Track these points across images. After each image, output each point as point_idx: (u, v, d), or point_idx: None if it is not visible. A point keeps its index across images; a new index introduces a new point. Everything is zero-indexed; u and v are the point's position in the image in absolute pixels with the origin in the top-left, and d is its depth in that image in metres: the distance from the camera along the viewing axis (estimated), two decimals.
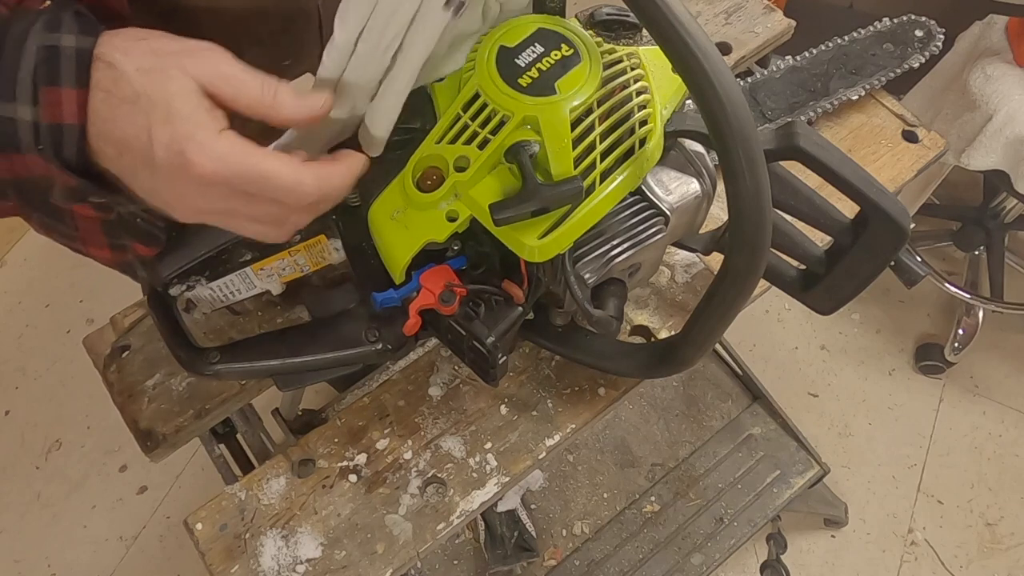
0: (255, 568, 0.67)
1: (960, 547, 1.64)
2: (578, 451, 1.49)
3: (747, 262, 0.52)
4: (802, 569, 1.61)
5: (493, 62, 0.55)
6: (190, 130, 0.44)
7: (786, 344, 1.88)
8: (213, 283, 0.66)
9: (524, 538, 1.39)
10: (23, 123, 0.45)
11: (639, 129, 0.57)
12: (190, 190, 0.46)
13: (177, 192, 0.47)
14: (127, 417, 0.73)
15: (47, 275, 1.96)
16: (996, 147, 1.42)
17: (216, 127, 0.45)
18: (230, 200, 0.47)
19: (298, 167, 0.47)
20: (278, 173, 0.46)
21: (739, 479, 1.45)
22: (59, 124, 0.46)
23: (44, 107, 0.45)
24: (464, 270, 0.62)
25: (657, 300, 0.78)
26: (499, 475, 0.71)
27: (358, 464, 0.72)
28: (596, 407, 0.74)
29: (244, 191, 0.47)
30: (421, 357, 0.78)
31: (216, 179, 0.45)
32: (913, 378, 1.84)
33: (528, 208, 0.53)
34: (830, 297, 0.66)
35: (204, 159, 0.44)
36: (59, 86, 0.45)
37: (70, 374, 1.86)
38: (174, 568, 1.65)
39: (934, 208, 1.93)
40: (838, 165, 0.57)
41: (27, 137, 0.46)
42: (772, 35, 0.93)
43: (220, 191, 0.46)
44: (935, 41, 0.87)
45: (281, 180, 0.46)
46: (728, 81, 0.45)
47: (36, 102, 0.45)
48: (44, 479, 1.75)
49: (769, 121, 0.84)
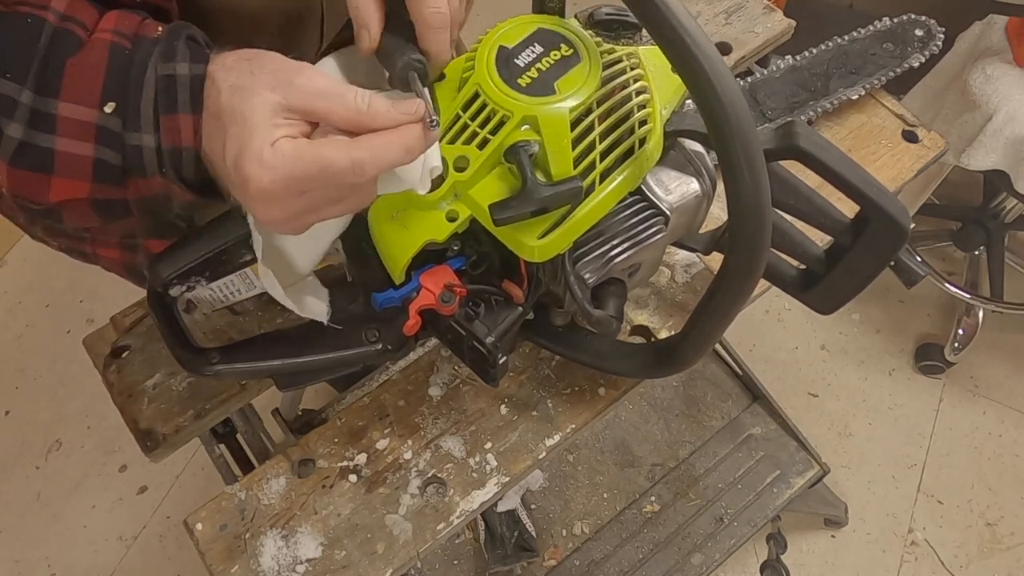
0: (255, 568, 0.67)
1: (960, 547, 1.64)
2: (578, 451, 1.49)
3: (747, 262, 0.52)
4: (802, 569, 1.61)
5: (493, 62, 0.55)
6: (246, 141, 0.46)
7: (786, 344, 1.88)
8: (213, 283, 0.66)
9: (524, 538, 1.39)
10: (148, 149, 0.49)
11: (639, 129, 0.57)
12: (260, 204, 0.48)
13: (251, 207, 0.49)
14: (127, 417, 0.73)
15: (47, 275, 1.96)
16: (996, 147, 1.42)
17: (271, 137, 0.46)
18: (300, 199, 0.48)
19: (352, 149, 0.47)
20: (333, 160, 0.46)
21: (739, 479, 1.45)
22: (179, 148, 0.50)
23: (164, 133, 0.49)
24: (464, 270, 0.62)
25: (657, 300, 0.78)
26: (499, 475, 0.71)
27: (358, 464, 0.72)
28: (596, 407, 0.74)
29: (307, 189, 0.48)
30: (421, 357, 0.78)
31: (275, 189, 0.46)
32: (913, 378, 1.84)
33: (528, 208, 0.53)
34: (830, 297, 0.66)
35: (258, 171, 0.46)
36: (176, 113, 0.49)
37: (70, 374, 1.85)
38: (174, 568, 1.65)
39: (934, 208, 1.93)
40: (838, 165, 0.57)
41: (152, 161, 0.50)
42: (772, 35, 0.93)
43: (284, 198, 0.47)
44: (935, 41, 0.87)
45: (338, 166, 0.47)
46: (728, 81, 0.45)
47: (158, 129, 0.49)
48: (44, 479, 1.75)
49: (769, 121, 0.83)
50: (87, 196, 0.51)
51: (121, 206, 0.53)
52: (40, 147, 0.49)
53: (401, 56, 0.53)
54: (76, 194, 0.51)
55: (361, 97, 0.48)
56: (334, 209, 0.51)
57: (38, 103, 0.48)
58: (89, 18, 0.50)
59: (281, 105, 0.47)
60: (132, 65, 0.49)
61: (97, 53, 0.49)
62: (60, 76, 0.48)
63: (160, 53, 0.49)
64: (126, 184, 0.51)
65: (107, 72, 0.49)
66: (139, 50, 0.49)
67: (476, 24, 0.61)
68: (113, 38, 0.49)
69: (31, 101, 0.48)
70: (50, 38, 0.48)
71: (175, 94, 0.49)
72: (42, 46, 0.48)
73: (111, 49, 0.49)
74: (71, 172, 0.50)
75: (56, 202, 0.51)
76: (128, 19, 0.51)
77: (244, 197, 0.48)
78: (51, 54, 0.48)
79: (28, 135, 0.48)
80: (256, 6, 0.73)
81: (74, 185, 0.50)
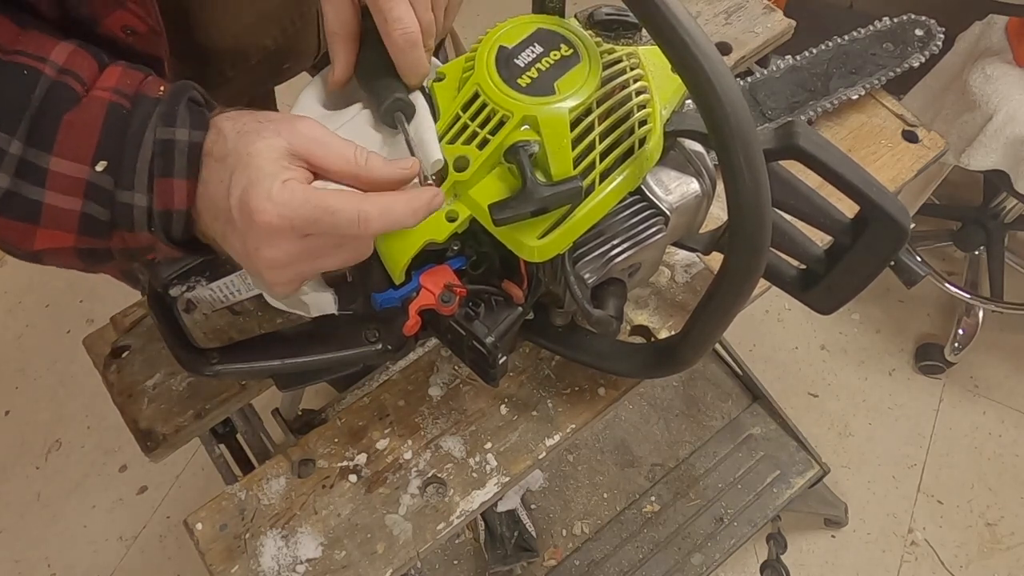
0: (255, 568, 0.67)
1: (960, 547, 1.64)
2: (578, 451, 1.49)
3: (747, 262, 0.52)
4: (802, 569, 1.61)
5: (492, 62, 0.55)
6: (255, 178, 0.47)
7: (786, 344, 1.88)
8: (213, 284, 0.66)
9: (524, 538, 1.39)
10: (139, 208, 0.50)
11: (639, 129, 0.57)
12: (262, 241, 0.48)
13: (252, 245, 0.48)
14: (127, 417, 0.73)
15: (47, 275, 1.96)
16: (996, 147, 1.42)
17: (281, 177, 0.47)
18: (302, 242, 0.49)
19: (360, 201, 0.48)
20: (340, 209, 0.47)
21: (739, 479, 1.45)
22: (170, 210, 0.50)
23: (157, 195, 0.50)
24: (464, 270, 0.62)
25: (657, 300, 0.78)
26: (499, 475, 0.71)
27: (358, 464, 0.72)
28: (596, 407, 0.74)
29: (311, 232, 0.48)
30: (421, 357, 0.78)
31: (282, 225, 0.47)
32: (913, 378, 1.84)
33: (527, 208, 0.53)
34: (830, 297, 0.66)
35: (267, 205, 0.46)
36: (171, 177, 0.50)
37: (70, 374, 1.85)
38: (174, 568, 1.65)
39: (934, 208, 1.93)
40: (838, 165, 0.57)
41: (141, 219, 0.50)
42: (772, 35, 0.93)
43: (288, 238, 0.48)
44: (935, 41, 0.87)
45: (344, 215, 0.47)
46: (728, 81, 0.45)
47: (151, 190, 0.50)
48: (44, 479, 1.75)
49: (769, 121, 0.83)
50: (71, 246, 0.52)
51: (104, 254, 0.54)
52: (27, 198, 0.49)
53: (386, 93, 0.55)
54: (60, 244, 0.52)
55: (360, 152, 0.50)
56: (330, 259, 0.51)
57: (29, 154, 0.48)
58: (88, 72, 0.50)
59: (287, 150, 0.48)
60: (130, 126, 0.49)
61: (94, 111, 0.49)
62: (55, 130, 0.48)
63: (160, 115, 0.50)
64: (111, 236, 0.52)
65: (102, 132, 0.49)
66: (139, 110, 0.50)
67: (476, 24, 0.62)
68: (112, 97, 0.50)
69: (20, 152, 0.48)
70: (45, 91, 0.48)
71: (172, 159, 0.49)
72: (36, 98, 0.48)
73: (109, 109, 0.49)
74: (57, 224, 0.50)
75: (39, 249, 0.52)
76: (130, 77, 0.51)
77: (247, 234, 0.48)
78: (47, 107, 0.48)
79: (15, 185, 0.48)
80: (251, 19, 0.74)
81: (59, 236, 0.51)
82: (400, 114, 0.55)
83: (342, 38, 0.56)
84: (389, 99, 0.55)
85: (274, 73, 0.85)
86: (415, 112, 0.56)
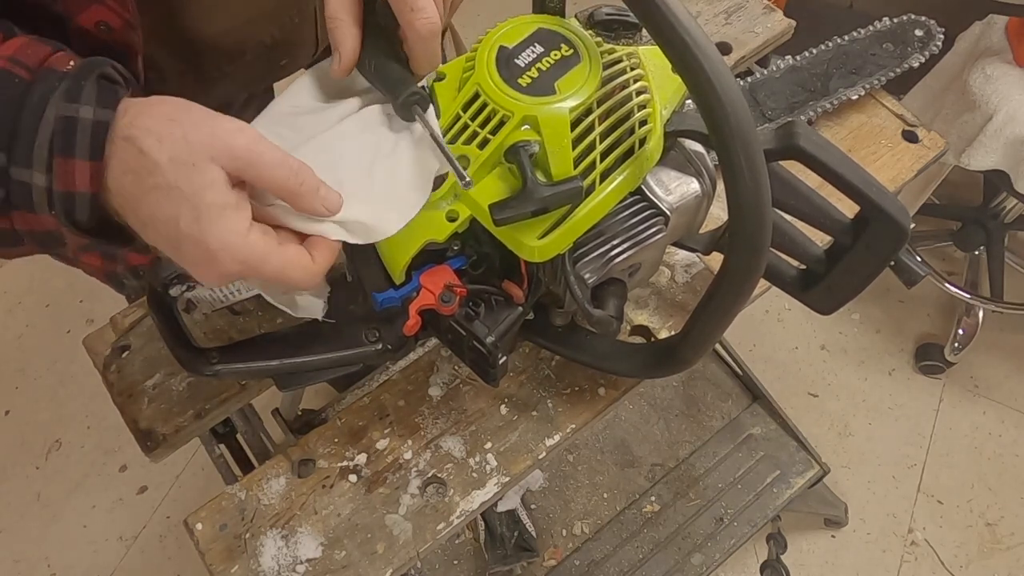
0: (255, 568, 0.67)
1: (960, 547, 1.64)
2: (578, 451, 1.49)
3: (747, 262, 0.52)
4: (802, 569, 1.61)
5: (493, 62, 0.55)
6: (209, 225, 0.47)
7: (786, 344, 1.88)
8: None
9: (524, 538, 1.39)
10: (37, 188, 0.47)
11: (639, 129, 0.57)
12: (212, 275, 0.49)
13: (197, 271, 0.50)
14: (127, 417, 0.73)
15: (47, 275, 1.96)
16: (996, 147, 1.42)
17: (244, 227, 0.48)
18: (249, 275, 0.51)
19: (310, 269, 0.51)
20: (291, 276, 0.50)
21: (739, 479, 1.45)
22: (71, 192, 0.47)
23: (57, 176, 0.47)
24: (464, 270, 0.62)
25: (657, 300, 0.78)
26: (499, 475, 0.71)
27: (358, 464, 0.72)
28: (596, 407, 0.74)
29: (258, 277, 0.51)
30: (421, 357, 0.78)
31: (235, 272, 0.49)
32: (913, 378, 1.84)
33: (528, 208, 0.53)
34: (830, 297, 0.66)
35: (225, 256, 0.47)
36: (73, 157, 0.46)
37: (70, 374, 1.85)
38: (174, 568, 1.65)
39: (934, 208, 1.93)
40: (838, 165, 0.57)
41: (41, 200, 0.47)
42: (772, 35, 0.93)
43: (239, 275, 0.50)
44: (935, 41, 0.87)
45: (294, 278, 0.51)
46: (728, 81, 0.45)
47: (50, 170, 0.46)
48: (44, 479, 1.75)
49: (769, 121, 0.83)
50: None
51: (10, 235, 0.51)
52: None
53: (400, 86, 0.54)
54: None
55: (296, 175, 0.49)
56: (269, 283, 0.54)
57: None
58: None
59: (227, 180, 0.48)
60: (27, 98, 0.46)
61: None
62: None
63: (64, 91, 0.46)
64: (10, 215, 0.50)
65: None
66: (41, 84, 0.46)
67: (476, 24, 0.62)
68: (4, 64, 0.46)
69: None
70: None
71: (74, 137, 0.46)
72: None
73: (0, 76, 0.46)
74: None
75: None
76: (35, 48, 0.47)
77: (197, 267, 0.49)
78: None
79: None
80: (248, 17, 0.73)
81: None
82: (418, 107, 0.54)
83: (346, 23, 0.55)
84: (406, 92, 0.54)
85: (271, 69, 0.85)
86: (429, 106, 0.56)
